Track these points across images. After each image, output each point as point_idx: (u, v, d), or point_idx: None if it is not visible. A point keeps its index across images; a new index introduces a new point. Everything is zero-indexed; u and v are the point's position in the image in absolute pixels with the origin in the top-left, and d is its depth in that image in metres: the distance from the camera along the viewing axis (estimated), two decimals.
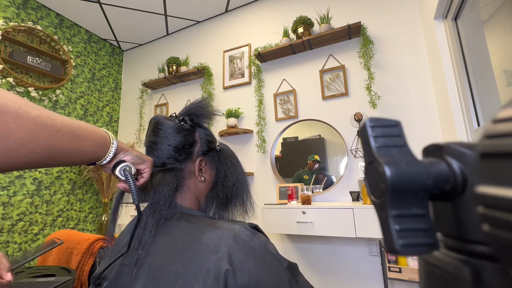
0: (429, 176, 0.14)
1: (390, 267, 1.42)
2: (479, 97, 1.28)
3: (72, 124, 0.35)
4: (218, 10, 2.58)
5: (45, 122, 0.31)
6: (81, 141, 0.36)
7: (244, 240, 0.43)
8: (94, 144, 0.39)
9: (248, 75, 2.34)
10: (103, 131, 0.42)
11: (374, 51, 1.85)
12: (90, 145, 0.38)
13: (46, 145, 0.31)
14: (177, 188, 0.53)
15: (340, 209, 1.48)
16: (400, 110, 1.75)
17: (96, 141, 0.39)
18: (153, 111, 2.81)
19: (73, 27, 2.68)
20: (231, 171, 0.60)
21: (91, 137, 0.38)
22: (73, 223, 2.47)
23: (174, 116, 0.59)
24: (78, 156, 0.37)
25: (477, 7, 1.29)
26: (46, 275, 1.04)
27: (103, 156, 0.42)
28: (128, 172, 0.44)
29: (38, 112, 0.30)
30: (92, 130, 0.39)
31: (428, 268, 0.16)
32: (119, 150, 0.44)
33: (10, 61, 2.08)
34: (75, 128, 0.36)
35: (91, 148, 0.38)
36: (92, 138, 0.39)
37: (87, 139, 0.38)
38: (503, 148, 0.10)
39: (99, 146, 0.40)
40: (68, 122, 0.35)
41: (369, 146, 0.15)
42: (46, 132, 0.31)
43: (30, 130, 0.29)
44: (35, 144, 0.29)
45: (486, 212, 0.11)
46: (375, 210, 0.15)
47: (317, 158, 1.97)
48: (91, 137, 0.38)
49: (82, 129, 0.37)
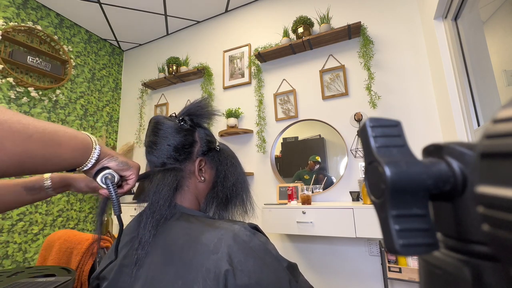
0: (429, 176, 0.14)
1: (390, 267, 1.42)
2: (479, 97, 1.28)
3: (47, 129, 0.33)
4: (218, 10, 2.58)
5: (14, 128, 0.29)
6: (58, 147, 0.34)
7: (244, 240, 0.43)
8: (73, 150, 0.37)
9: (248, 75, 2.34)
10: (85, 136, 0.40)
11: (374, 51, 1.85)
12: (68, 151, 0.36)
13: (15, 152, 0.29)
14: (177, 188, 0.53)
15: (340, 209, 1.48)
16: (400, 110, 1.75)
17: (75, 146, 0.37)
18: (153, 111, 2.81)
19: (73, 27, 2.68)
20: (231, 171, 0.60)
21: (70, 143, 0.36)
22: (73, 223, 2.47)
23: (174, 116, 0.59)
24: (55, 163, 0.34)
25: (477, 7, 1.29)
26: (46, 275, 1.04)
27: (84, 162, 0.39)
28: (110, 181, 0.41)
29: (7, 117, 0.29)
30: (72, 135, 0.37)
31: (428, 268, 0.16)
32: (103, 156, 0.42)
33: (10, 61, 2.08)
34: (51, 133, 0.33)
35: (69, 155, 0.36)
36: (71, 144, 0.36)
37: (65, 145, 0.35)
38: (503, 148, 0.10)
39: (79, 152, 0.38)
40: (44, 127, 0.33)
41: (369, 146, 0.15)
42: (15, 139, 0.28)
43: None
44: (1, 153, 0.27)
45: (486, 212, 0.11)
46: (375, 210, 0.15)
47: (318, 159, 1.97)
48: (70, 143, 0.36)
49: (59, 134, 0.35)
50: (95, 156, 0.40)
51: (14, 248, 2.03)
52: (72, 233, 1.45)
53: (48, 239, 1.48)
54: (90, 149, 0.40)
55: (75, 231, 1.48)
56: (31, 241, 2.14)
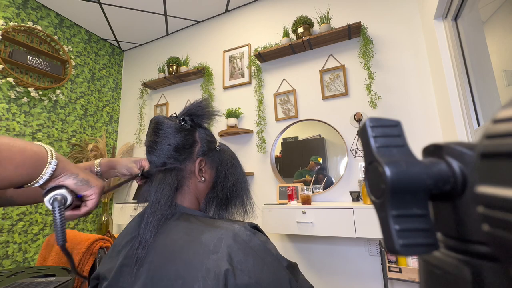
0: (429, 176, 0.14)
1: (390, 267, 1.42)
2: (479, 97, 1.28)
3: None
4: (218, 10, 2.58)
5: None
6: None
7: (244, 239, 0.43)
8: (17, 166, 0.32)
9: (248, 75, 2.34)
10: (38, 148, 0.35)
11: (374, 51, 1.85)
12: (10, 169, 0.31)
13: None
14: (177, 188, 0.53)
15: (340, 209, 1.48)
16: (400, 110, 1.75)
17: (20, 162, 0.32)
18: (153, 111, 2.81)
19: (73, 27, 2.68)
20: (231, 172, 0.60)
21: (14, 159, 0.32)
22: (73, 223, 2.47)
23: (175, 116, 0.59)
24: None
25: (477, 7, 1.29)
26: (46, 275, 1.04)
27: (35, 178, 0.34)
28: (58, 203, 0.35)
29: None
30: (19, 148, 0.32)
31: (428, 268, 0.16)
32: (61, 171, 0.37)
33: (10, 61, 2.08)
34: None
35: (11, 172, 0.31)
36: (15, 160, 0.32)
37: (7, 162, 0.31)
38: (503, 148, 0.10)
39: (26, 167, 0.33)
40: None
41: (369, 146, 0.15)
42: None
43: None
44: None
45: (486, 212, 0.11)
46: (375, 210, 0.15)
47: (320, 160, 1.97)
48: (15, 158, 0.32)
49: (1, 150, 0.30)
50: (49, 172, 0.35)
51: (14, 248, 2.03)
52: (72, 233, 1.45)
53: (48, 239, 1.48)
54: (43, 164, 0.35)
55: (75, 231, 1.48)
56: (31, 241, 2.14)
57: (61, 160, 0.37)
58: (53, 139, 2.39)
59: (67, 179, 0.37)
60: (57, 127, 2.43)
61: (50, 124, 2.37)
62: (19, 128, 2.16)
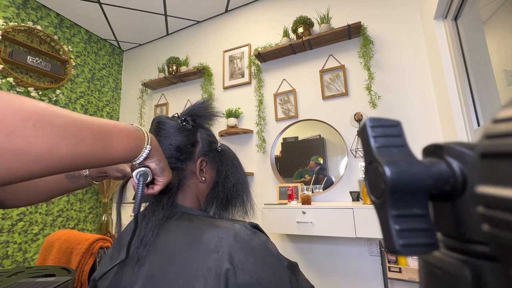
0: (429, 176, 0.14)
1: (390, 267, 1.42)
2: (479, 97, 1.28)
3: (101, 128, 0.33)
4: (218, 10, 2.58)
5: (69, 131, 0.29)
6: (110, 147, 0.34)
7: (244, 239, 0.43)
8: (124, 149, 0.37)
9: (248, 75, 2.34)
10: (138, 133, 0.40)
11: (374, 51, 1.85)
12: (120, 151, 0.36)
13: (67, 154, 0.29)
14: (178, 187, 0.53)
15: (340, 209, 1.48)
16: (400, 110, 1.75)
17: (127, 145, 0.37)
18: (153, 111, 2.81)
19: (73, 27, 2.68)
20: (231, 172, 0.60)
21: (123, 143, 0.36)
22: (73, 223, 2.47)
23: (177, 116, 0.59)
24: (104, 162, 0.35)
25: (477, 7, 1.29)
26: (46, 275, 1.04)
27: (133, 159, 0.40)
28: (143, 179, 0.42)
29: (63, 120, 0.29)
30: (126, 133, 0.37)
31: (428, 268, 0.16)
32: (151, 156, 0.42)
33: (10, 61, 2.08)
34: (105, 133, 0.34)
35: (120, 153, 0.36)
36: (123, 143, 0.37)
37: (118, 145, 0.36)
38: (503, 148, 0.10)
39: (130, 150, 0.38)
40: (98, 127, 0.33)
41: (369, 146, 0.15)
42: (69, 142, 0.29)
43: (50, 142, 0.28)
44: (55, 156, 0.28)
45: (486, 212, 0.11)
46: (375, 210, 0.15)
47: (320, 160, 1.97)
48: (123, 143, 0.37)
49: (114, 134, 0.35)
50: (144, 155, 0.41)
51: (14, 248, 2.03)
52: (72, 233, 1.45)
53: (48, 239, 1.48)
54: (141, 148, 0.40)
55: (75, 231, 1.48)
56: (31, 241, 2.14)
57: (154, 145, 0.43)
58: None
59: (152, 162, 0.43)
60: None
61: None
62: None
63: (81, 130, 0.31)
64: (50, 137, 0.27)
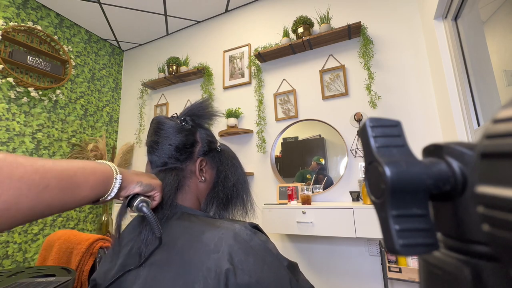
0: (429, 176, 0.14)
1: (390, 267, 1.42)
2: (479, 97, 1.28)
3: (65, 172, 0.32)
4: (218, 10, 2.58)
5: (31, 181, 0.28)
6: (76, 189, 0.34)
7: (244, 239, 0.43)
8: (92, 187, 0.36)
9: (248, 75, 2.34)
10: (104, 167, 0.39)
11: (374, 51, 1.85)
12: (87, 190, 0.35)
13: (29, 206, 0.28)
14: (178, 187, 0.53)
15: (340, 209, 1.48)
16: (400, 110, 1.75)
17: (94, 183, 0.36)
18: (153, 111, 2.81)
19: (73, 27, 2.68)
20: (231, 172, 0.60)
21: (89, 180, 0.36)
22: (73, 223, 2.47)
23: (176, 116, 0.59)
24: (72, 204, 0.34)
25: (477, 7, 1.29)
26: (46, 275, 1.04)
27: (105, 194, 0.39)
28: (146, 208, 0.42)
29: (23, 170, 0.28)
30: (91, 170, 0.36)
31: (428, 268, 0.16)
32: (127, 184, 0.41)
33: (10, 61, 2.08)
34: (68, 176, 0.33)
35: (88, 192, 0.36)
36: (90, 181, 0.36)
37: (84, 184, 0.35)
38: (503, 148, 0.10)
39: (98, 187, 0.37)
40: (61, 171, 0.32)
41: (369, 146, 0.15)
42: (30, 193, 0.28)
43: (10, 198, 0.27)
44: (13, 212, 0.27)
45: (486, 212, 0.11)
46: (375, 210, 0.15)
47: (322, 161, 1.97)
48: (90, 180, 0.36)
49: (78, 174, 0.34)
50: (117, 186, 0.40)
51: (14, 248, 2.03)
52: (72, 233, 1.45)
53: (48, 239, 1.48)
54: (111, 180, 0.39)
55: (75, 231, 1.48)
56: (31, 241, 2.14)
57: (125, 173, 0.42)
58: (53, 139, 2.39)
59: (135, 188, 0.43)
60: (57, 127, 2.43)
61: (50, 124, 2.37)
62: (19, 128, 2.16)
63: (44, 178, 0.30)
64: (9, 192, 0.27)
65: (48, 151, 2.33)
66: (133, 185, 0.43)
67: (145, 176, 0.45)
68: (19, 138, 2.15)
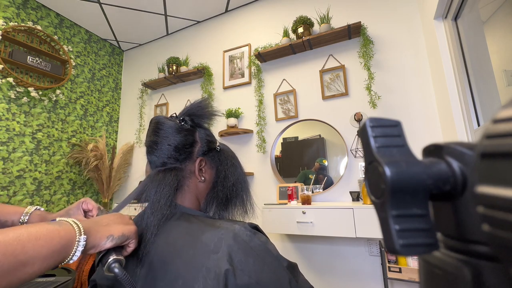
0: (429, 176, 0.14)
1: (390, 267, 1.42)
2: (479, 97, 1.28)
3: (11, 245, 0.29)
4: (218, 10, 2.58)
5: None
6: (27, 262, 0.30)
7: (244, 239, 0.43)
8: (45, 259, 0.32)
9: (248, 75, 2.34)
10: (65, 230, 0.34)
11: (374, 51, 1.85)
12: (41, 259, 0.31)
13: None
14: (177, 187, 0.53)
15: (340, 209, 1.48)
16: (400, 110, 1.75)
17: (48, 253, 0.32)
18: (153, 111, 2.81)
19: (73, 27, 2.68)
20: (231, 171, 0.60)
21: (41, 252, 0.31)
22: None
23: (175, 116, 0.59)
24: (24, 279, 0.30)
25: (477, 7, 1.29)
26: (46, 275, 1.04)
27: (65, 259, 0.34)
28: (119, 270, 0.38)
29: None
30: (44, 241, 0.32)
31: (428, 268, 0.16)
32: (94, 242, 0.38)
33: (10, 61, 2.08)
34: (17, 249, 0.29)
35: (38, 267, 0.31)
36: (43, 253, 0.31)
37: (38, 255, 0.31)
38: (503, 148, 0.10)
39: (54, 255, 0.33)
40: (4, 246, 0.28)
41: (369, 146, 0.15)
42: None
43: None
44: None
45: (486, 212, 0.11)
46: (375, 210, 0.15)
47: (325, 162, 1.96)
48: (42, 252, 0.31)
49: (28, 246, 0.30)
50: (80, 249, 0.35)
51: None
52: None
53: None
54: (72, 243, 0.35)
55: None
56: None
57: (92, 230, 0.38)
58: (53, 139, 2.39)
59: (106, 244, 0.39)
60: (57, 127, 2.43)
61: (50, 124, 2.37)
62: (19, 128, 2.16)
63: None
64: None
65: (48, 151, 2.33)
66: (103, 241, 0.39)
67: (118, 226, 0.42)
68: (19, 138, 2.15)
